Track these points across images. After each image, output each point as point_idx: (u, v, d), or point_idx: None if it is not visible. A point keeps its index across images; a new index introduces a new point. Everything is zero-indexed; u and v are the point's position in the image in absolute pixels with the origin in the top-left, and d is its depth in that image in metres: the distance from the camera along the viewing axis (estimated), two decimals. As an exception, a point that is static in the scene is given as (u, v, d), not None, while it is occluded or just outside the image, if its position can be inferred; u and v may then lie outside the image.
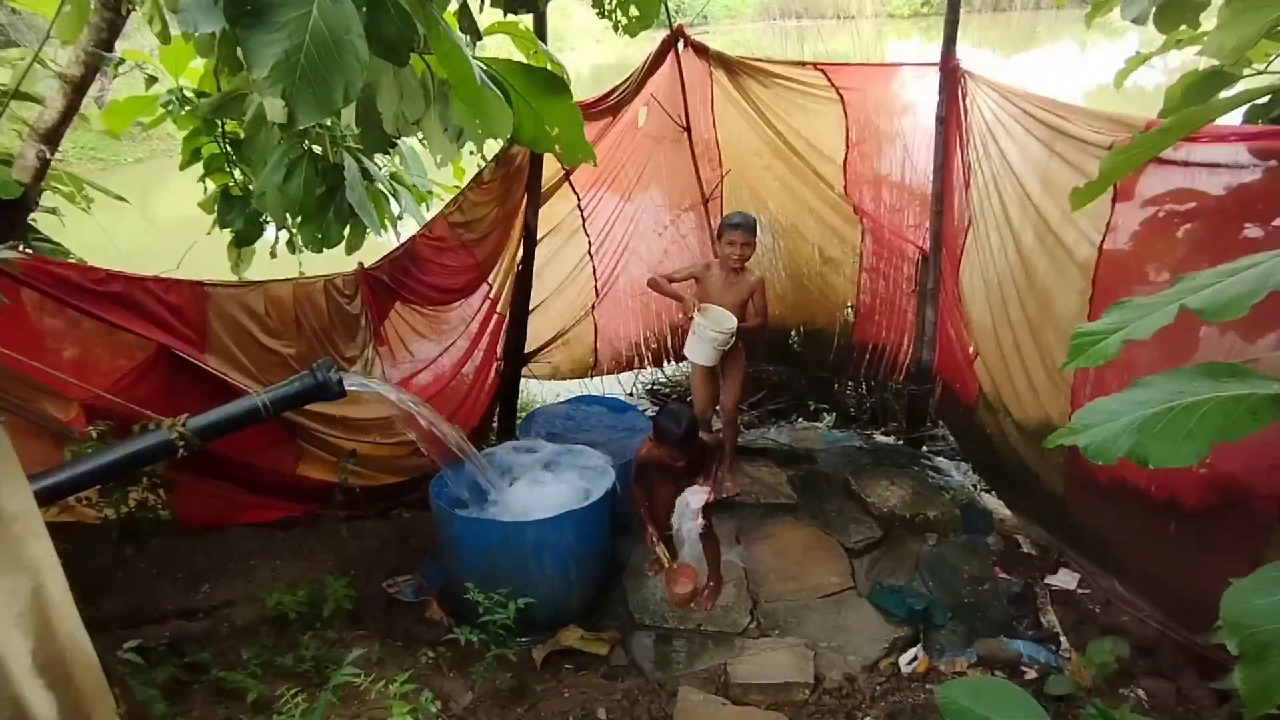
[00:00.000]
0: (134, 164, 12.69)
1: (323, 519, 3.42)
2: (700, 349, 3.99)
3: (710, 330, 3.89)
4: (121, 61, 3.02)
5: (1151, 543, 2.96)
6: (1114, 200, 2.85)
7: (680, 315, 5.06)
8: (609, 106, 4.13)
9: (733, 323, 3.92)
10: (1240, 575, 1.17)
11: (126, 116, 3.12)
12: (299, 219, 3.26)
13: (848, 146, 4.39)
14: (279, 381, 2.46)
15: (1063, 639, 3.18)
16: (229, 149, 3.26)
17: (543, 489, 3.41)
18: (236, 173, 3.38)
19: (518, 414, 4.83)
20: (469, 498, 3.38)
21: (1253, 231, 2.47)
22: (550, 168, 4.15)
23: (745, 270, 4.02)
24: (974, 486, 4.36)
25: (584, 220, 4.63)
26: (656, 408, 5.65)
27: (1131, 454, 1.32)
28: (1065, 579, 3.49)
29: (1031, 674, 2.98)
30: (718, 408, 4.30)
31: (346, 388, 2.40)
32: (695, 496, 3.20)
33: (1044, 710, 1.33)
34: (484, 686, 2.73)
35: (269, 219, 3.48)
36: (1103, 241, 2.91)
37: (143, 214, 9.76)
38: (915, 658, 3.10)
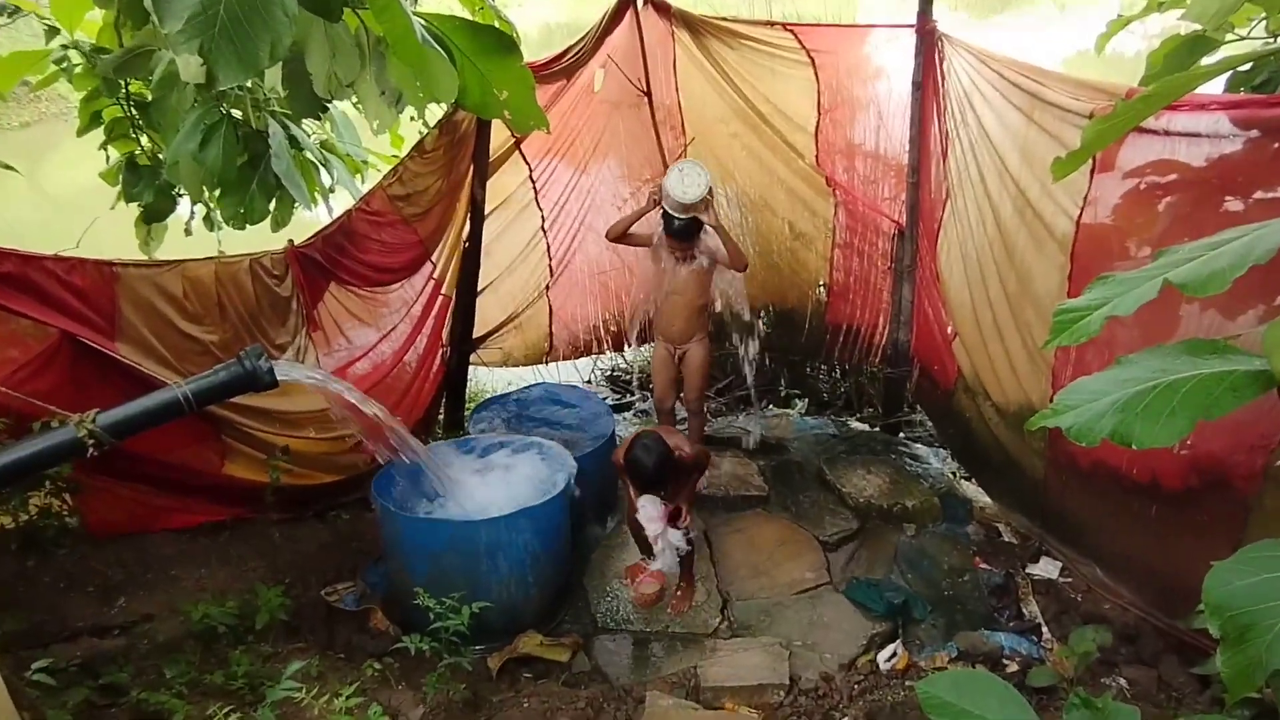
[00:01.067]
0: (20, 129, 12.19)
1: (253, 523, 3.38)
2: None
3: (677, 197, 3.81)
4: (5, 10, 2.90)
5: (1132, 527, 3.08)
6: (1092, 172, 2.93)
7: (643, 295, 5.05)
8: (563, 69, 4.10)
9: (699, 188, 3.81)
10: (1221, 558, 1.23)
11: (11, 74, 2.99)
12: (217, 191, 3.19)
13: (819, 113, 4.43)
14: (201, 371, 2.41)
15: (1044, 629, 3.29)
16: (134, 112, 3.16)
17: (495, 485, 3.40)
18: (144, 139, 3.29)
19: (466, 404, 4.81)
20: (415, 496, 3.36)
21: (1234, 204, 2.57)
22: (499, 135, 4.11)
23: (699, 239, 3.98)
24: (953, 474, 4.47)
25: (536, 193, 4.60)
26: (616, 394, 5.67)
27: (1115, 434, 1.37)
28: (1047, 568, 3.61)
29: (1013, 666, 3.09)
30: (680, 395, 4.34)
31: (279, 377, 2.36)
32: (651, 506, 3.25)
33: (1026, 702, 1.38)
34: (436, 698, 2.73)
35: (182, 192, 3.40)
36: (1081, 215, 3.00)
37: (32, 185, 9.39)
38: (894, 654, 3.18)
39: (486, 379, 5.50)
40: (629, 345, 5.37)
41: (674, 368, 4.23)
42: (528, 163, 4.47)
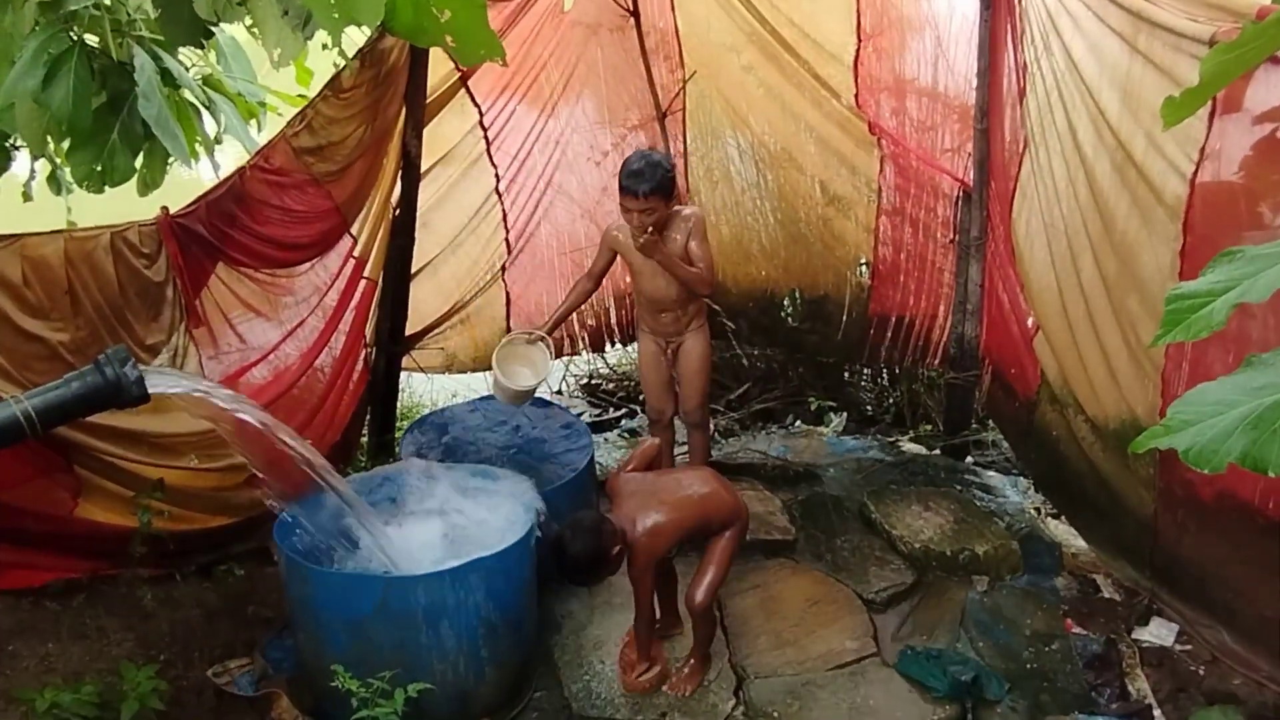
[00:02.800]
0: None
1: (116, 581, 3.36)
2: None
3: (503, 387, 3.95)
4: None
5: (1272, 579, 3.10)
6: (1212, 116, 2.94)
7: (625, 282, 5.08)
8: (523, -19, 4.13)
9: (528, 384, 3.98)
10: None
11: None
12: (67, 142, 3.19)
13: (859, 40, 4.46)
14: (46, 381, 2.39)
15: (1157, 712, 3.31)
16: (-45, 38, 3.14)
17: (438, 528, 3.40)
18: (-32, 73, 3.27)
19: (397, 422, 4.82)
20: (331, 545, 3.34)
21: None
22: (439, 69, 4.12)
23: (669, 222, 3.94)
24: (1037, 510, 4.48)
25: (489, 144, 4.62)
26: (596, 408, 5.67)
27: (1247, 458, 1.38)
28: (1159, 632, 3.63)
29: (1117, 761, 3.11)
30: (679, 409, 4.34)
31: (149, 389, 2.35)
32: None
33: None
34: (360, 813, 2.72)
35: (20, 142, 3.38)
36: (1196, 172, 3.02)
37: None
38: (961, 746, 3.20)
39: (424, 388, 5.52)
40: (611, 343, 5.38)
41: (667, 366, 4.25)
42: (477, 105, 4.48)
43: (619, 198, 3.82)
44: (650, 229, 3.77)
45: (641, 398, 5.57)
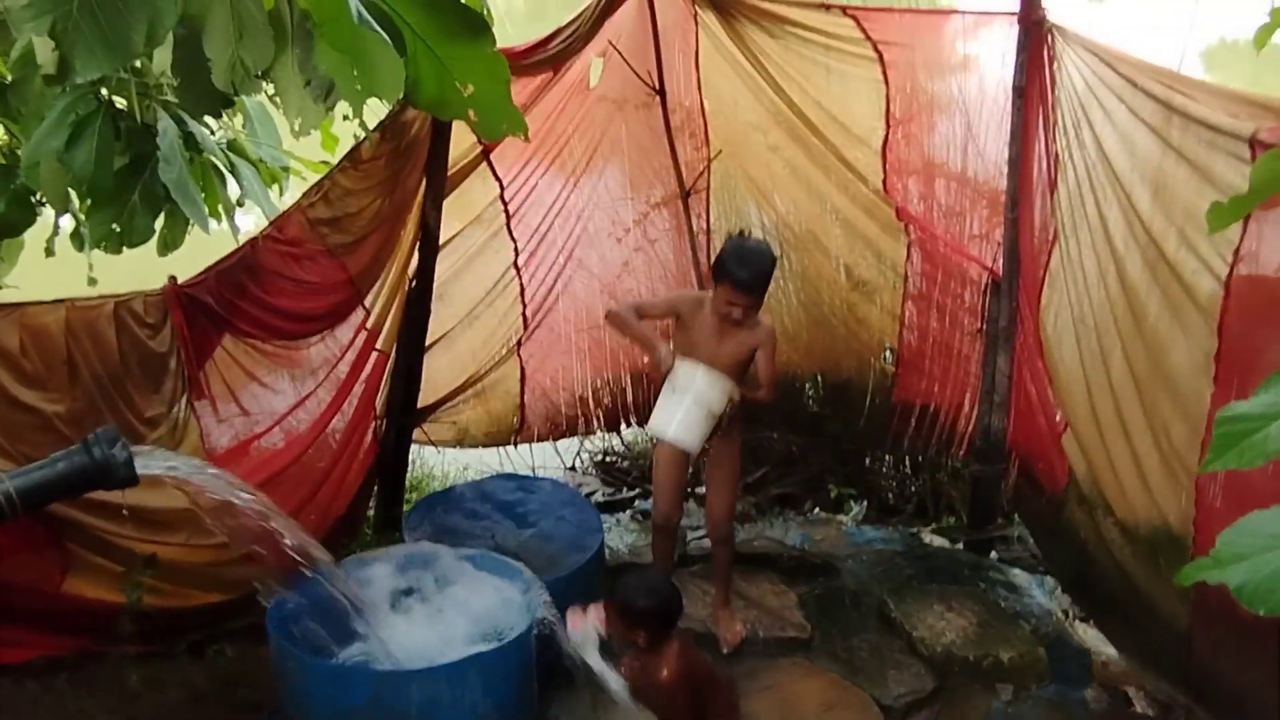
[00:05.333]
0: None
1: (102, 659, 3.28)
2: (674, 419, 3.70)
3: (694, 398, 3.66)
4: None
5: (1318, 702, 2.96)
6: (1247, 216, 2.85)
7: (644, 362, 5.02)
8: (548, 57, 4.12)
9: (727, 392, 3.69)
10: None
11: None
12: (88, 202, 3.18)
13: (888, 125, 4.44)
14: (39, 453, 2.33)
15: (1194, 843, 3.14)
16: (-16, 96, 3.17)
17: (438, 620, 3.33)
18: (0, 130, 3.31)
19: (406, 495, 4.75)
20: (327, 631, 3.29)
21: None
22: (461, 142, 4.12)
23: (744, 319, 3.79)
24: (1064, 613, 4.36)
25: (509, 217, 4.60)
26: (609, 487, 5.58)
27: (1312, 602, 1.29)
28: (1196, 753, 3.47)
29: None
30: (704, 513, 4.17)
31: (141, 471, 2.29)
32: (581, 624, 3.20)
33: None
34: None
35: (45, 200, 3.39)
36: (1231, 273, 2.94)
37: None
38: None
39: (435, 460, 5.45)
40: (627, 424, 5.32)
41: (686, 470, 4.06)
42: (498, 178, 4.48)
43: (723, 287, 3.62)
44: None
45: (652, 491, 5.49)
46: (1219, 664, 3.34)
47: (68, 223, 4.22)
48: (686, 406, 3.69)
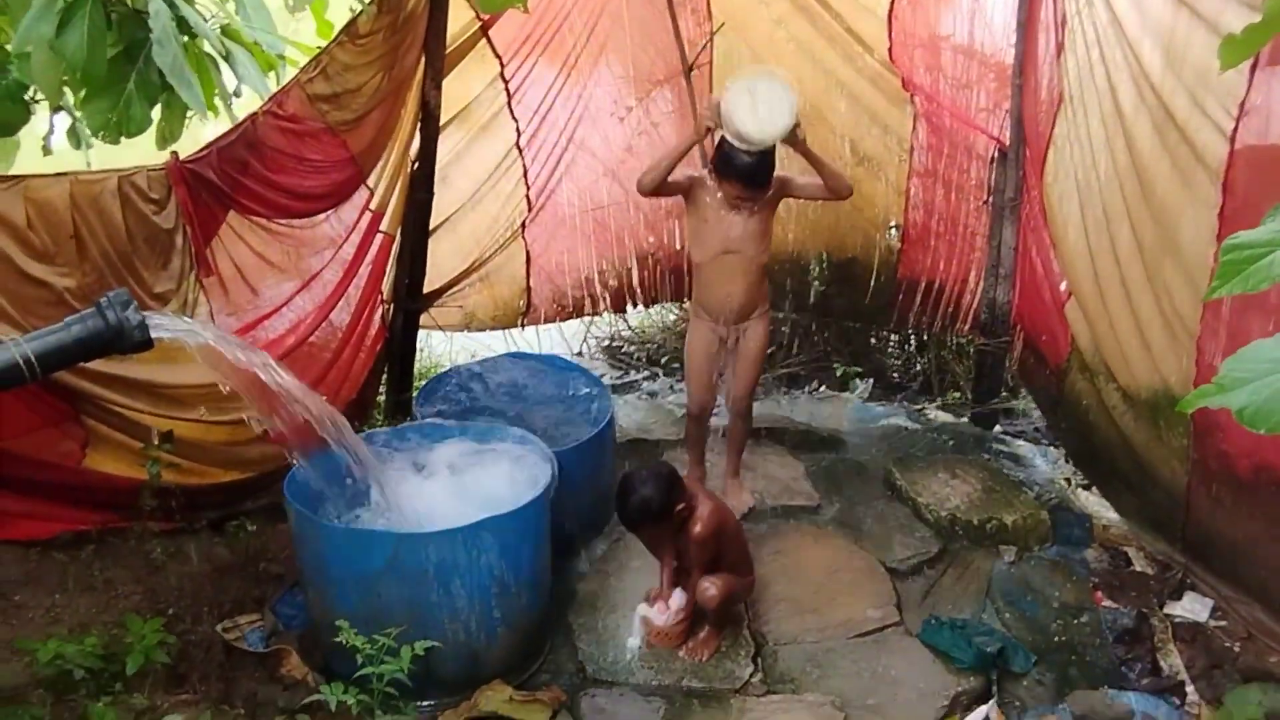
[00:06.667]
0: None
1: (126, 534, 3.35)
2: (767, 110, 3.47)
3: (765, 82, 3.46)
4: None
5: (1313, 554, 3.03)
6: (1252, 69, 2.83)
7: (649, 242, 5.00)
8: (546, -75, 4.04)
9: (785, 115, 3.47)
10: None
11: None
12: (82, 93, 3.14)
13: (896, -10, 4.36)
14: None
15: (1190, 688, 3.24)
16: (-33, -16, 3.11)
17: (451, 487, 3.36)
18: (-16, 23, 3.25)
19: (414, 380, 4.79)
20: (343, 501, 3.34)
21: None
22: (460, 18, 4.06)
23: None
24: (1067, 480, 4.43)
25: (510, 97, 4.56)
26: (617, 370, 5.63)
27: (1312, 416, 1.31)
28: (1192, 607, 3.57)
29: (1147, 738, 3.04)
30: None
31: (153, 333, 2.30)
32: (651, 615, 3.39)
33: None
34: (366, 771, 2.71)
35: (40, 95, 3.34)
36: (1236, 129, 2.91)
37: None
38: (986, 718, 3.13)
39: (443, 347, 5.50)
40: (634, 305, 5.33)
41: (720, 357, 4.02)
42: (498, 56, 4.42)
43: (730, 184, 3.61)
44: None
45: (664, 360, 5.51)
46: (1216, 522, 3.43)
47: (63, 121, 4.19)
48: (765, 94, 3.50)
